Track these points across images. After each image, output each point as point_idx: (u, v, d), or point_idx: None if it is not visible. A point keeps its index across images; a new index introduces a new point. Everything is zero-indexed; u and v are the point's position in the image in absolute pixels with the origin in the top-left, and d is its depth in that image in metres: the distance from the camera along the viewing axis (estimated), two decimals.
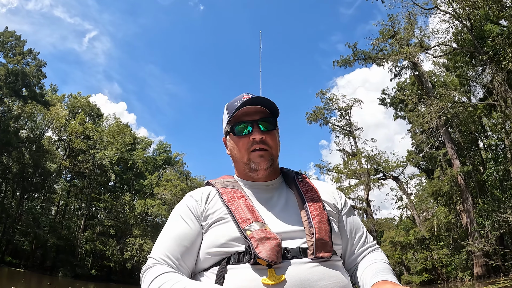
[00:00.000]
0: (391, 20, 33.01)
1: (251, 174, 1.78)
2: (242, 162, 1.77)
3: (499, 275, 25.02)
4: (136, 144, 60.85)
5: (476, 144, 36.73)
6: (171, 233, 1.63)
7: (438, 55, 32.01)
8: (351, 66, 36.18)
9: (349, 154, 40.80)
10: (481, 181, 31.09)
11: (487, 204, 26.02)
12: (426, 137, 31.11)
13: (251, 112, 1.74)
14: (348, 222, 1.80)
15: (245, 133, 1.74)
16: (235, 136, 1.77)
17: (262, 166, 1.72)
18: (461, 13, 24.55)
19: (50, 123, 45.87)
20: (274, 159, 1.77)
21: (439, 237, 35.70)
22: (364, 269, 1.68)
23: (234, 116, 1.75)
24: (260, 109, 1.75)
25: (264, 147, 1.72)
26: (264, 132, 1.73)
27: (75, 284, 33.26)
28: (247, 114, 1.74)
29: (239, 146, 1.76)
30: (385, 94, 44.40)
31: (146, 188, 56.27)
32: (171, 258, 1.55)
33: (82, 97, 55.56)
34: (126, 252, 46.55)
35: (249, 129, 1.73)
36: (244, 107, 1.71)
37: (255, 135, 1.70)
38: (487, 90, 29.82)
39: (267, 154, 1.73)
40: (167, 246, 1.59)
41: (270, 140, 1.74)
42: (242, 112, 1.74)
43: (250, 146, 1.73)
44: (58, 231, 43.73)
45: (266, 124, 1.75)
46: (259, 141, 1.71)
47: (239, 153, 1.77)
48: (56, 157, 45.90)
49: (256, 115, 1.74)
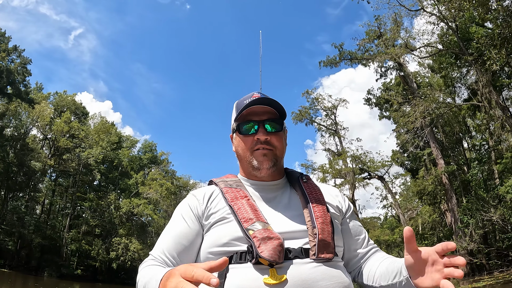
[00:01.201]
0: (377, 21, 33.14)
1: (254, 173, 1.80)
2: (246, 160, 1.80)
3: (483, 273, 25.23)
4: (122, 143, 60.27)
5: (461, 144, 37.08)
6: (171, 232, 1.70)
7: (424, 56, 32.26)
8: (337, 66, 36.16)
9: (335, 154, 40.87)
10: (465, 180, 31.47)
11: (471, 203, 26.28)
12: (410, 137, 31.32)
13: (259, 112, 1.76)
14: (351, 225, 1.83)
15: (251, 132, 1.76)
16: (241, 134, 1.80)
17: (265, 165, 1.74)
18: (447, 15, 24.76)
19: (35, 121, 45.24)
20: (277, 160, 1.78)
21: (423, 236, 36.05)
22: (378, 264, 1.69)
23: (241, 114, 1.77)
24: (268, 110, 1.76)
25: (268, 147, 1.74)
26: (270, 133, 1.75)
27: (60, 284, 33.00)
28: (254, 114, 1.76)
29: (244, 144, 1.79)
30: (370, 94, 44.52)
31: (131, 187, 55.87)
32: (167, 255, 1.61)
33: (67, 95, 54.84)
34: (111, 251, 46.18)
35: (255, 128, 1.75)
36: (252, 106, 1.74)
37: (259, 135, 1.72)
38: (471, 91, 30.18)
39: (270, 154, 1.75)
40: (165, 244, 1.66)
41: (276, 141, 1.76)
42: (249, 111, 1.76)
43: (254, 145, 1.75)
44: (43, 231, 43.15)
45: (273, 125, 1.76)
46: (263, 141, 1.73)
47: (243, 152, 1.80)
48: (41, 156, 45.22)
49: (263, 115, 1.76)
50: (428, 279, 1.39)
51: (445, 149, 34.68)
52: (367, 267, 1.76)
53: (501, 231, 25.01)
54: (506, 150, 26.19)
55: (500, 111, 25.00)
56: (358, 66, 48.02)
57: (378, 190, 43.25)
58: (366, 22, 34.42)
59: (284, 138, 1.86)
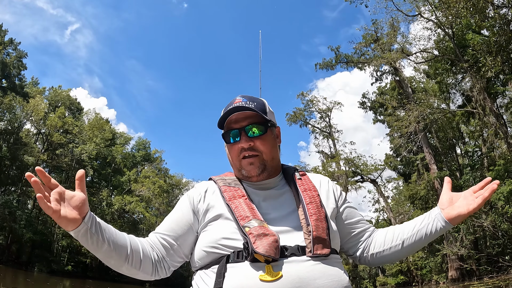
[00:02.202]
0: (374, 25, 33.33)
1: (246, 179, 1.81)
2: (236, 169, 1.82)
3: (473, 279, 25.35)
4: (115, 139, 60.08)
5: (454, 150, 37.26)
6: (167, 218, 1.80)
7: (419, 62, 32.41)
8: (333, 69, 36.32)
9: (328, 156, 40.94)
10: (457, 186, 31.54)
11: None
12: (404, 141, 31.43)
13: (240, 118, 1.75)
14: (346, 210, 1.85)
15: (234, 141, 1.76)
16: (227, 144, 1.81)
17: (253, 173, 1.75)
18: (443, 22, 24.92)
19: (29, 115, 44.96)
20: (266, 164, 1.77)
21: None
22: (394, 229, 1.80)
23: (224, 124, 1.78)
24: (249, 114, 1.75)
25: (253, 153, 1.74)
26: (253, 138, 1.73)
27: (51, 280, 32.77)
28: (235, 121, 1.75)
29: (232, 153, 1.80)
30: (365, 97, 44.65)
31: (124, 184, 55.76)
32: (158, 237, 1.72)
33: (62, 90, 54.60)
34: None
35: (238, 136, 1.74)
36: (231, 115, 1.74)
37: (242, 143, 1.72)
38: (466, 97, 30.33)
39: (256, 160, 1.74)
40: (159, 227, 1.77)
41: (260, 145, 1.74)
42: (231, 119, 1.75)
43: (239, 153, 1.75)
44: (34, 226, 42.78)
45: (255, 129, 1.74)
46: (247, 148, 1.73)
47: (233, 161, 1.82)
48: (34, 150, 45.06)
49: (244, 121, 1.75)
50: (461, 207, 1.60)
51: (438, 155, 34.87)
52: (380, 235, 1.83)
53: (492, 237, 25.17)
54: (499, 157, 26.34)
55: (494, 118, 25.14)
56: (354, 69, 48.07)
57: (371, 194, 43.40)
58: (363, 26, 34.69)
59: (273, 137, 1.84)
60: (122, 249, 1.55)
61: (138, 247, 1.62)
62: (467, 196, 1.61)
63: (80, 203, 1.43)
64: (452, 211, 1.61)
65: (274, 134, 1.86)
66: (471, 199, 1.59)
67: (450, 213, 1.60)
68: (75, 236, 1.45)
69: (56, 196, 1.40)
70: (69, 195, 1.43)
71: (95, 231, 1.47)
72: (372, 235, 1.86)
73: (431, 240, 1.72)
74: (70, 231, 1.44)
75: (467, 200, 1.59)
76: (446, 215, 1.61)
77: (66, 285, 32.46)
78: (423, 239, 1.69)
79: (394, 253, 1.77)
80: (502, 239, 23.83)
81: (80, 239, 1.46)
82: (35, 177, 1.33)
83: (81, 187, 1.46)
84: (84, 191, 1.47)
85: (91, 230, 1.46)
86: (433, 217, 1.66)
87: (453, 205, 1.62)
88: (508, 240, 23.11)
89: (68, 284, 33.67)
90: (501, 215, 22.34)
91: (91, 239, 1.46)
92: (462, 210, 1.57)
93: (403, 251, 1.75)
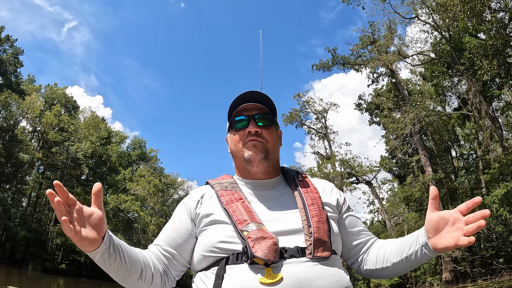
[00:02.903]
0: (371, 27, 33.36)
1: (248, 168, 1.80)
2: (238, 154, 1.82)
3: (467, 281, 25.44)
4: (111, 138, 60.06)
5: (449, 153, 37.31)
6: (165, 227, 1.79)
7: (416, 64, 32.42)
8: (329, 70, 36.30)
9: (323, 157, 41.04)
10: (452, 188, 31.67)
11: None
12: (400, 143, 31.51)
13: (250, 108, 1.82)
14: (348, 218, 1.83)
15: (242, 127, 1.81)
16: (233, 130, 1.84)
17: (256, 156, 1.76)
18: (440, 24, 24.98)
19: (25, 113, 44.83)
20: (268, 152, 1.78)
21: None
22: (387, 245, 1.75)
23: (234, 112, 1.84)
24: (259, 106, 1.82)
25: (259, 139, 1.77)
26: (260, 126, 1.79)
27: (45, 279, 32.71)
28: (245, 110, 1.82)
29: (236, 139, 1.82)
30: (361, 99, 44.78)
31: (119, 183, 55.75)
32: (159, 248, 1.71)
33: (58, 88, 54.46)
34: None
35: (246, 122, 1.80)
36: (243, 104, 1.81)
37: (250, 128, 1.76)
38: (462, 100, 30.34)
39: (260, 145, 1.76)
40: (159, 238, 1.76)
41: (266, 134, 1.79)
42: (241, 108, 1.81)
43: (245, 138, 1.78)
44: (28, 224, 42.72)
45: (263, 119, 1.81)
46: (254, 133, 1.76)
47: (236, 146, 1.83)
48: (30, 148, 44.86)
49: (254, 111, 1.82)
50: (448, 239, 1.45)
51: (433, 157, 34.90)
52: (373, 252, 1.79)
53: (486, 239, 25.22)
54: (494, 161, 26.40)
55: (490, 121, 25.20)
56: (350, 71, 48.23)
57: (365, 195, 43.58)
58: (360, 28, 34.65)
59: (277, 135, 1.89)
60: (137, 266, 1.53)
61: (148, 262, 1.61)
62: (455, 220, 1.45)
63: (99, 221, 1.38)
64: (439, 242, 1.48)
65: (278, 134, 1.91)
66: (459, 226, 1.43)
67: (437, 245, 1.49)
68: (93, 257, 1.40)
69: (76, 215, 1.34)
70: (87, 213, 1.36)
71: (113, 250, 1.44)
72: (370, 248, 1.83)
73: (422, 263, 1.68)
74: (88, 252, 1.38)
75: (456, 226, 1.44)
76: (433, 246, 1.51)
77: (60, 283, 32.37)
78: (411, 265, 1.65)
79: (387, 273, 1.75)
80: (496, 242, 23.88)
81: (98, 260, 1.42)
82: (57, 196, 1.27)
83: (98, 202, 1.40)
84: (101, 207, 1.41)
85: (109, 250, 1.42)
86: (420, 245, 1.58)
87: (441, 235, 1.48)
88: (502, 243, 23.16)
89: (62, 282, 33.57)
90: (496, 217, 22.39)
91: (109, 259, 1.42)
92: (450, 243, 1.44)
93: (395, 272, 1.73)
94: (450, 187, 32.41)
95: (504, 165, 22.75)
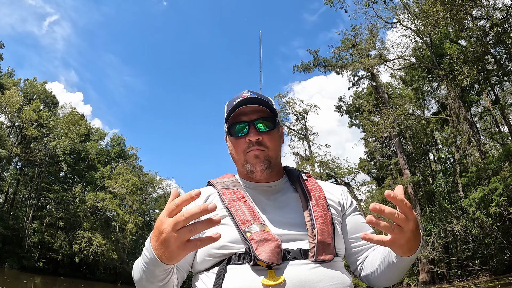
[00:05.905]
0: (353, 31, 33.67)
1: (250, 176, 1.75)
2: (240, 164, 1.75)
3: (444, 282, 25.79)
4: (90, 135, 59.24)
5: (427, 156, 37.82)
6: None
7: (397, 68, 32.89)
8: (310, 72, 36.42)
9: (303, 158, 41.18)
10: (429, 191, 32.14)
11: (434, 213, 26.70)
12: (379, 146, 31.91)
13: (249, 111, 1.69)
14: (352, 220, 1.77)
15: (242, 134, 1.69)
16: (232, 137, 1.73)
17: (258, 168, 1.68)
18: (422, 30, 25.38)
19: (3, 107, 44.05)
20: (271, 161, 1.71)
21: None
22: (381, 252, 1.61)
23: (231, 116, 1.70)
24: (259, 108, 1.70)
25: (261, 148, 1.67)
26: (261, 132, 1.68)
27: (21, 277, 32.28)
28: (244, 114, 1.69)
29: (237, 147, 1.72)
30: (341, 101, 45.12)
31: (97, 180, 55.11)
32: None
33: (38, 83, 53.41)
34: (74, 245, 45.52)
35: (246, 129, 1.68)
36: (241, 106, 1.66)
37: (251, 136, 1.65)
38: (441, 105, 30.85)
39: (262, 155, 1.68)
40: None
41: (268, 141, 1.69)
42: (239, 112, 1.68)
43: (246, 147, 1.69)
44: (5, 221, 41.80)
45: (264, 123, 1.70)
46: (255, 142, 1.66)
47: (237, 155, 1.75)
48: (7, 143, 43.94)
49: (253, 115, 1.69)
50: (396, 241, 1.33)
51: (411, 160, 35.39)
52: (370, 260, 1.71)
53: (463, 241, 25.62)
54: (471, 164, 26.96)
55: (468, 126, 25.74)
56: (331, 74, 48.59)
57: None
58: (343, 30, 34.95)
59: (279, 136, 1.78)
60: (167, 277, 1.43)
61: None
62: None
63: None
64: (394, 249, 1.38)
65: (280, 133, 1.82)
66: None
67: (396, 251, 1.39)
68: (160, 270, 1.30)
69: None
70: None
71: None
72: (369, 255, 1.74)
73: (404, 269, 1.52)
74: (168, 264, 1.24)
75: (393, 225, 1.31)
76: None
77: (37, 281, 31.98)
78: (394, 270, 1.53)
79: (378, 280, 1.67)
80: (472, 244, 24.27)
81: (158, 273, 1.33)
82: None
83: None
84: None
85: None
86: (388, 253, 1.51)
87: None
88: (478, 245, 23.57)
89: (39, 280, 33.16)
90: (472, 220, 22.86)
91: (165, 272, 1.35)
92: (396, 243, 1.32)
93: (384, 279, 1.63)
94: (427, 190, 32.93)
95: (481, 169, 23.24)
